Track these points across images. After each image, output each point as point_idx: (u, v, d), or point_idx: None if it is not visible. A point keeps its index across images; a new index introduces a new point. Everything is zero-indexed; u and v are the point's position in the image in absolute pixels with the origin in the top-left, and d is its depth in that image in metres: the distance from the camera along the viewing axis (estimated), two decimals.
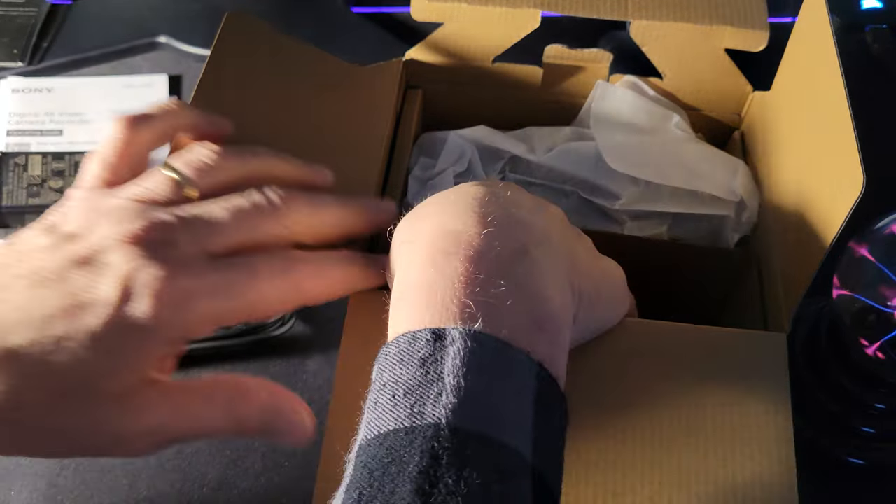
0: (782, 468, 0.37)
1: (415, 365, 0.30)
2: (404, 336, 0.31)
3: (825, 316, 0.49)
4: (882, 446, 0.49)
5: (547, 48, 0.53)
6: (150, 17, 0.71)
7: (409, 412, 0.29)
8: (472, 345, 0.29)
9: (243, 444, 0.51)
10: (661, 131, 0.51)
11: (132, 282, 0.33)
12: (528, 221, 0.34)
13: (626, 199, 0.48)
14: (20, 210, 0.56)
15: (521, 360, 0.30)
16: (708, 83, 0.52)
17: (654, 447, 0.37)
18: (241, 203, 0.37)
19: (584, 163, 0.49)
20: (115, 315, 0.32)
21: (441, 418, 0.28)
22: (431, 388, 0.29)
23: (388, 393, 0.30)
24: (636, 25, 0.50)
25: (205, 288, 0.34)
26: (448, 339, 0.30)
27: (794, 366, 0.50)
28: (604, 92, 0.52)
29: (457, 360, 0.29)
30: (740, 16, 0.50)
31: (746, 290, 0.47)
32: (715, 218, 0.49)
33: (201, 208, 0.36)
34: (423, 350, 0.30)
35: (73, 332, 0.32)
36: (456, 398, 0.28)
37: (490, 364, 0.30)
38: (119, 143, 0.39)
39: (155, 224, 0.35)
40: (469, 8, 0.50)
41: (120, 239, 0.34)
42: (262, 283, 0.36)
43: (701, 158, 0.50)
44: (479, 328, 0.30)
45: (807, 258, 0.41)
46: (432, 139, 0.52)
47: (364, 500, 0.27)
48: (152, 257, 0.33)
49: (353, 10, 0.72)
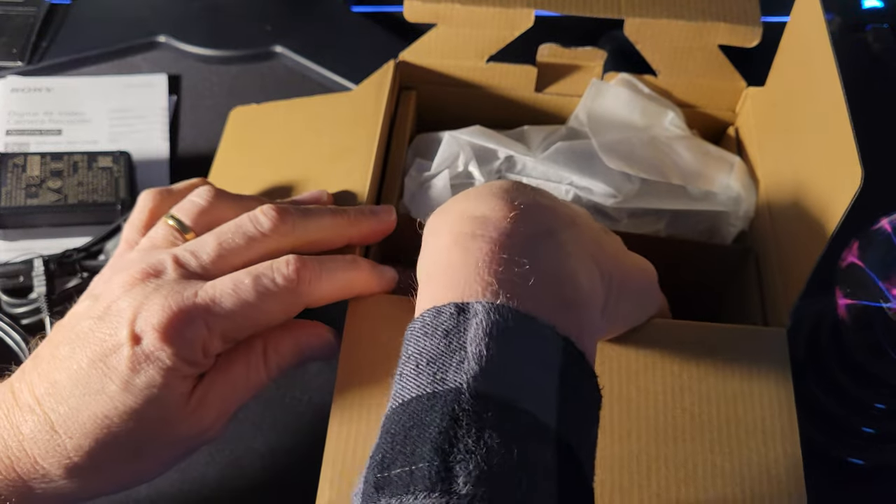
0: (789, 461, 0.37)
1: (438, 336, 0.30)
2: (429, 311, 0.31)
3: (826, 316, 0.49)
4: (882, 446, 0.49)
5: (541, 47, 0.53)
6: (150, 17, 0.71)
7: (432, 379, 0.29)
8: (495, 317, 0.30)
9: (243, 444, 0.51)
10: (657, 128, 0.52)
11: (137, 320, 0.37)
12: (555, 207, 0.34)
13: (622, 197, 0.48)
14: (19, 211, 0.56)
15: (546, 332, 0.31)
16: (702, 80, 0.53)
17: (660, 442, 0.38)
18: (230, 226, 0.40)
19: (580, 161, 0.49)
20: (133, 353, 0.36)
21: (462, 383, 0.28)
22: (454, 357, 0.29)
23: (412, 363, 0.30)
24: (630, 23, 0.50)
25: (205, 305, 0.37)
26: (471, 312, 0.30)
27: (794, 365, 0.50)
28: (598, 90, 0.53)
29: (479, 331, 0.29)
30: (733, 12, 0.50)
31: (745, 285, 0.47)
32: (711, 214, 0.49)
33: (195, 242, 0.40)
34: (446, 322, 0.30)
35: (108, 379, 0.36)
36: (478, 365, 0.29)
37: (513, 335, 0.30)
38: (145, 210, 0.44)
39: (151, 265, 0.39)
40: (462, 8, 0.50)
41: (123, 286, 0.38)
42: (262, 289, 0.38)
43: (696, 155, 0.50)
44: (503, 302, 0.30)
45: (805, 252, 0.41)
46: (427, 140, 0.52)
47: (386, 461, 0.28)
48: (151, 293, 0.37)
49: (353, 10, 0.72)
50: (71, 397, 0.36)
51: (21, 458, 0.37)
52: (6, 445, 0.37)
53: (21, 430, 0.37)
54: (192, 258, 0.39)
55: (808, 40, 0.44)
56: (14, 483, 0.37)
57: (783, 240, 0.45)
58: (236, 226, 0.40)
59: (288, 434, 0.51)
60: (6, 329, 0.53)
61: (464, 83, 0.54)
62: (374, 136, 0.47)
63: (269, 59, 0.70)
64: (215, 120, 0.66)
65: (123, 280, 0.38)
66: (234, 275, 0.38)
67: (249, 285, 0.38)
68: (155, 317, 0.36)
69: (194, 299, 0.37)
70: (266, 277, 0.38)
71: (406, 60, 0.53)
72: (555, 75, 0.54)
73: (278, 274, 0.38)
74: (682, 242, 0.49)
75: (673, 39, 0.50)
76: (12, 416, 0.37)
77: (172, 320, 0.36)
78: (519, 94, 0.54)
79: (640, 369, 0.39)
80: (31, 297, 0.54)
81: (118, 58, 0.69)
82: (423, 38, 0.52)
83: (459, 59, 0.53)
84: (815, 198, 0.41)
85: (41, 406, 0.37)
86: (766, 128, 0.50)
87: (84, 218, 0.57)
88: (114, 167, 0.58)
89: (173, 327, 0.36)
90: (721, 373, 0.39)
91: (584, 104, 0.53)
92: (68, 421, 0.36)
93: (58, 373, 0.37)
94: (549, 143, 0.51)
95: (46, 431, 0.36)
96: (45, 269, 0.54)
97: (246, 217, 0.41)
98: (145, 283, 0.38)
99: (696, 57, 0.51)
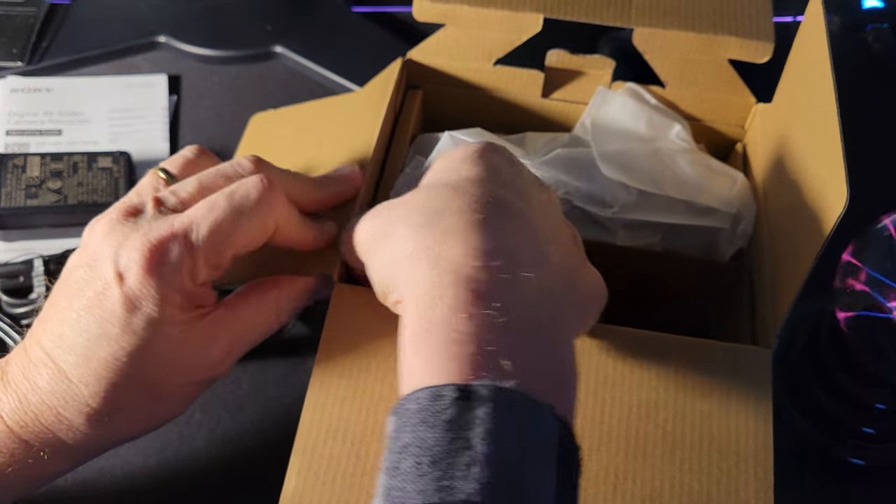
0: (759, 484, 0.36)
1: (440, 428, 0.27)
2: (423, 391, 0.29)
3: (826, 317, 0.49)
4: (882, 446, 0.49)
5: (549, 53, 0.53)
6: (150, 17, 0.71)
7: (437, 486, 0.26)
8: (502, 406, 0.27)
9: (243, 444, 0.51)
10: (662, 140, 0.51)
11: (119, 259, 0.37)
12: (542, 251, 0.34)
13: (618, 208, 0.48)
14: (19, 212, 0.56)
15: (547, 419, 0.29)
16: (710, 94, 0.52)
17: (629, 457, 0.37)
18: (212, 169, 0.41)
19: (579, 169, 0.49)
20: (122, 293, 0.37)
21: (474, 496, 0.26)
22: (460, 458, 0.27)
23: (411, 459, 0.27)
24: (639, 33, 0.49)
25: (183, 231, 0.37)
26: (476, 399, 0.28)
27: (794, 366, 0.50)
28: (604, 98, 0.52)
29: (489, 425, 0.27)
30: (745, 26, 0.49)
31: (738, 303, 0.47)
32: (710, 230, 0.48)
33: (176, 184, 0.41)
34: (448, 410, 0.28)
35: (107, 323, 0.37)
36: (489, 471, 0.26)
37: (521, 427, 0.28)
38: None
39: (131, 205, 0.39)
40: (471, 10, 0.50)
41: (103, 231, 0.38)
42: (237, 205, 0.39)
43: (699, 169, 0.49)
44: (512, 385, 0.28)
45: (793, 273, 0.41)
46: (428, 139, 0.52)
47: None
48: (130, 232, 0.38)
49: (354, 10, 0.72)
50: (77, 345, 0.37)
51: (44, 412, 0.37)
52: (27, 401, 0.37)
53: (38, 384, 0.37)
54: (172, 196, 0.40)
55: (811, 62, 0.44)
56: (42, 436, 0.38)
57: (775, 260, 0.44)
58: (217, 169, 0.41)
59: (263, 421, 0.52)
60: (6, 329, 0.53)
61: (470, 85, 0.54)
62: (375, 134, 0.47)
63: (269, 59, 0.70)
64: (215, 120, 0.66)
65: (103, 225, 0.39)
66: (209, 198, 0.39)
67: (223, 204, 0.38)
68: (136, 252, 0.37)
69: (171, 229, 0.37)
70: (238, 193, 0.39)
71: (413, 59, 0.53)
72: (562, 81, 0.54)
73: (251, 186, 0.39)
74: (676, 257, 0.48)
75: (682, 51, 0.50)
76: (28, 372, 0.38)
77: (153, 252, 0.37)
78: (525, 98, 0.54)
79: (617, 380, 0.39)
80: (31, 297, 0.54)
81: (118, 58, 0.69)
82: (431, 38, 0.52)
83: (467, 60, 0.53)
84: (806, 219, 0.41)
85: (52, 358, 0.37)
86: (769, 145, 0.49)
87: (84, 218, 0.56)
88: (114, 167, 0.58)
89: (154, 259, 0.37)
90: (699, 390, 0.39)
91: (589, 112, 0.52)
92: (79, 368, 0.37)
93: (60, 325, 0.38)
94: (549, 149, 0.50)
95: (62, 381, 0.37)
96: (45, 269, 0.54)
97: (227, 163, 0.42)
98: (125, 223, 0.38)
99: (705, 70, 0.51)
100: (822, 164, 0.40)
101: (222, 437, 0.51)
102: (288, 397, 0.52)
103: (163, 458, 0.50)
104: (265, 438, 0.51)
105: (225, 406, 0.52)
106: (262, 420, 0.52)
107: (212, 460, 0.50)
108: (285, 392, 0.53)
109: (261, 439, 0.51)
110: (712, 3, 0.49)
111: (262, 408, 0.52)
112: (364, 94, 0.54)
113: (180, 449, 0.50)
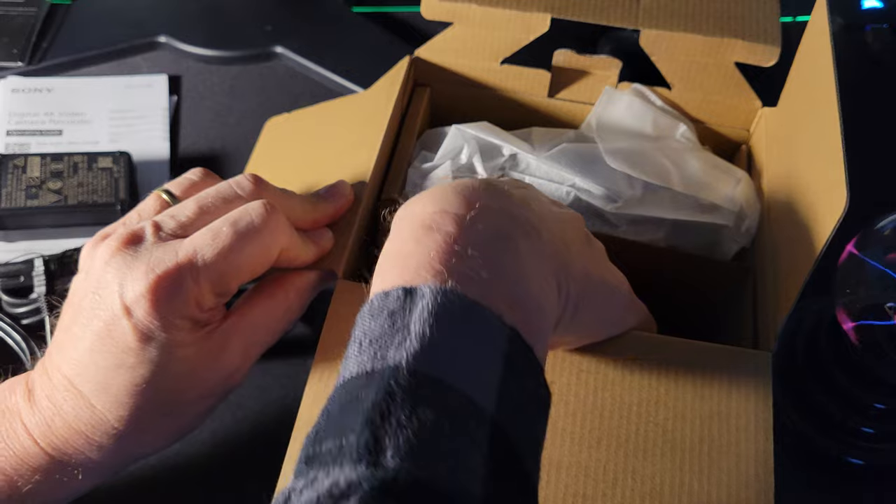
0: (760, 485, 0.37)
1: (383, 317, 0.30)
2: (377, 294, 0.31)
3: (825, 316, 0.49)
4: (882, 446, 0.49)
5: (556, 53, 0.53)
6: (150, 17, 0.71)
7: (372, 357, 0.29)
8: (442, 299, 0.30)
9: (243, 443, 0.51)
10: (666, 139, 0.51)
11: (124, 291, 0.37)
12: (517, 214, 0.34)
13: (622, 203, 0.48)
14: (19, 212, 0.56)
15: (492, 320, 0.30)
16: (716, 96, 0.52)
17: (629, 455, 0.37)
18: (211, 190, 0.41)
19: (584, 164, 0.49)
20: (132, 326, 0.36)
21: (401, 361, 0.28)
22: (396, 336, 0.29)
23: (356, 344, 0.30)
24: (646, 34, 0.49)
25: (187, 262, 0.37)
26: (418, 295, 0.30)
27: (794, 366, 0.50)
28: (611, 98, 0.52)
29: (424, 312, 0.29)
30: (752, 29, 0.49)
31: (742, 304, 0.47)
32: (714, 227, 0.49)
33: (175, 207, 0.40)
34: (392, 304, 0.30)
35: (122, 353, 0.37)
36: (419, 344, 0.29)
37: (459, 318, 0.30)
38: None
39: (131, 232, 0.39)
40: (479, 9, 0.50)
41: (104, 258, 0.38)
42: (241, 232, 0.38)
43: (703, 166, 0.50)
44: (451, 287, 0.30)
45: (794, 274, 0.41)
46: (435, 135, 0.52)
47: (319, 436, 0.28)
48: (132, 262, 0.37)
49: (354, 10, 0.72)
50: (96, 373, 0.37)
51: (72, 437, 0.38)
52: (55, 426, 0.38)
53: (64, 409, 0.38)
54: (171, 220, 0.39)
55: (814, 67, 0.44)
56: (76, 457, 0.39)
57: (778, 261, 0.44)
58: (216, 189, 0.41)
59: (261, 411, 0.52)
60: (7, 329, 0.53)
61: (477, 83, 0.54)
62: (382, 130, 0.48)
63: (269, 59, 0.70)
64: (215, 120, 0.66)
65: (104, 251, 0.38)
66: (211, 225, 0.39)
67: (227, 231, 0.38)
68: (140, 286, 0.36)
69: (175, 259, 0.37)
70: (242, 221, 0.38)
71: (421, 57, 0.53)
72: (568, 81, 0.54)
73: (255, 214, 0.39)
74: (679, 254, 0.49)
75: (689, 53, 0.50)
76: (53, 397, 0.38)
77: (159, 285, 0.36)
78: (531, 97, 0.54)
79: (617, 378, 0.39)
80: (31, 297, 0.54)
81: (118, 58, 0.69)
82: (439, 37, 0.52)
83: (474, 59, 0.53)
84: (807, 221, 0.41)
85: (74, 385, 0.38)
86: (773, 148, 0.49)
87: (84, 219, 0.57)
88: (114, 168, 0.58)
89: (161, 293, 0.36)
90: (699, 391, 0.39)
91: (595, 112, 0.52)
92: (100, 395, 0.37)
93: (76, 352, 0.38)
94: (555, 144, 0.50)
95: (86, 408, 0.38)
96: (45, 269, 0.54)
97: (225, 182, 0.41)
98: (125, 251, 0.38)
99: (711, 73, 0.51)
100: (824, 168, 0.40)
101: (223, 437, 0.51)
102: (289, 398, 0.52)
103: (163, 457, 0.50)
104: (266, 438, 0.51)
105: (225, 406, 0.52)
106: (262, 420, 0.52)
107: (212, 460, 0.50)
108: (286, 392, 0.53)
109: (261, 439, 0.51)
110: (719, 6, 0.49)
111: (263, 408, 0.52)
112: (373, 93, 0.54)
113: (181, 449, 0.50)
